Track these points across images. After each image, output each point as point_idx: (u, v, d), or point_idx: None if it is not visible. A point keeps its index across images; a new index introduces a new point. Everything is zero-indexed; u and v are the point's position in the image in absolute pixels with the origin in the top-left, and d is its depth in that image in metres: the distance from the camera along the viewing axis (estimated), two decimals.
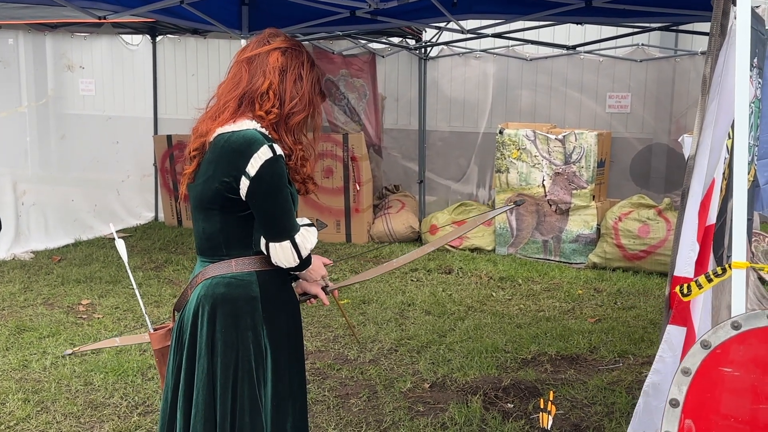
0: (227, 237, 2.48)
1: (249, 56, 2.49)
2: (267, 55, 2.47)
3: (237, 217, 2.45)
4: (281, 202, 2.40)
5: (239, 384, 2.45)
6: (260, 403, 2.47)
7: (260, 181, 2.35)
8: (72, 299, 6.31)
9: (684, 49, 8.16)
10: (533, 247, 8.00)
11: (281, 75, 2.46)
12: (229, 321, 2.46)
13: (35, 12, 6.66)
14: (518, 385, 4.58)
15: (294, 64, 2.48)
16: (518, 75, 8.91)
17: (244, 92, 2.44)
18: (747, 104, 1.96)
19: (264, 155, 2.35)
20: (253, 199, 2.38)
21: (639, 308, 6.22)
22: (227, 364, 2.45)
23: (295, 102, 2.47)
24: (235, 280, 2.47)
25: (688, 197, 2.23)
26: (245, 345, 2.46)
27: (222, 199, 2.42)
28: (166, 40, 9.71)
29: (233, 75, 2.50)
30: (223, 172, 2.39)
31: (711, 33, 2.28)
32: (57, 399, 4.35)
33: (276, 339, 2.51)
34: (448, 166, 9.32)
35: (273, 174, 2.37)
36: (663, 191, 8.23)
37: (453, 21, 5.99)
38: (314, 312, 6.05)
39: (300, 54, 2.52)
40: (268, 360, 2.49)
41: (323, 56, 9.04)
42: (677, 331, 2.25)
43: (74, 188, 8.78)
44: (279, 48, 2.48)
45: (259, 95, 2.43)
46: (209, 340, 2.46)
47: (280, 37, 2.53)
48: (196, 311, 2.49)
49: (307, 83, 2.50)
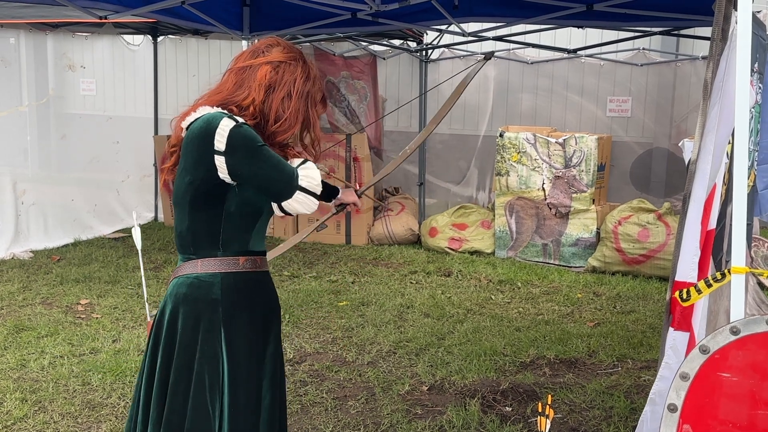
0: (194, 236, 2.43)
1: (241, 66, 2.42)
2: (257, 69, 2.39)
3: (206, 215, 2.39)
4: (266, 159, 2.31)
5: (192, 387, 2.39)
6: (211, 410, 2.39)
7: (234, 150, 2.27)
8: (71, 299, 6.31)
9: (685, 54, 8.17)
10: (533, 251, 8.00)
11: (267, 92, 2.38)
12: (188, 323, 2.41)
13: (37, 11, 6.66)
14: (516, 389, 4.58)
15: (284, 81, 2.39)
16: (519, 78, 8.91)
17: (225, 99, 2.38)
18: (747, 109, 1.96)
19: (226, 126, 2.27)
20: (239, 171, 2.30)
21: (638, 312, 6.21)
22: (180, 366, 2.41)
23: (280, 122, 2.39)
24: (197, 281, 2.42)
25: (690, 202, 2.22)
26: (201, 348, 2.40)
27: (192, 194, 2.37)
28: (167, 40, 9.71)
29: (222, 82, 2.44)
30: (194, 164, 2.33)
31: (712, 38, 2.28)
32: (55, 399, 4.35)
33: (235, 345, 2.42)
34: (448, 169, 9.32)
35: (244, 137, 2.28)
36: (663, 195, 8.23)
37: (454, 23, 6.00)
38: (313, 314, 6.05)
39: (294, 69, 2.42)
40: (224, 366, 2.41)
41: (324, 58, 9.05)
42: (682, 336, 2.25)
43: (74, 188, 8.78)
44: (271, 62, 2.39)
45: (239, 107, 2.37)
46: (169, 339, 2.43)
47: (277, 48, 2.44)
48: (163, 309, 2.49)
49: (298, 100, 2.41)
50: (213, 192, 2.36)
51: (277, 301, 2.64)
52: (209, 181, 2.34)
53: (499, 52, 8.83)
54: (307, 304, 6.29)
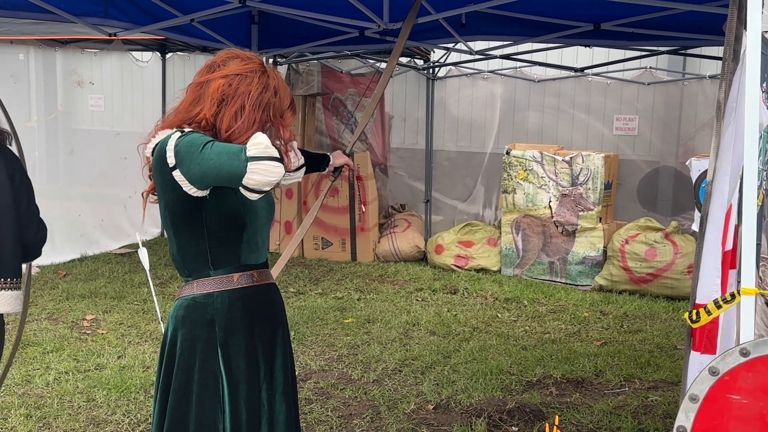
0: (184, 258, 2.42)
1: (197, 82, 2.40)
2: (211, 83, 2.35)
3: (189, 235, 2.37)
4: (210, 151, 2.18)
5: (193, 410, 2.38)
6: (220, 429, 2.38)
7: (182, 158, 2.21)
8: (76, 314, 6.31)
9: (692, 73, 8.17)
10: (539, 269, 7.97)
11: (219, 105, 2.33)
12: (186, 344, 2.40)
13: (47, 28, 6.71)
14: (523, 408, 4.54)
15: (238, 94, 2.32)
16: (526, 96, 8.93)
17: (182, 120, 2.37)
18: (756, 129, 1.96)
19: (173, 139, 2.25)
20: (193, 175, 2.22)
21: (645, 332, 6.18)
22: (178, 387, 2.40)
23: (230, 133, 2.32)
24: (194, 302, 2.41)
25: (707, 223, 2.21)
26: (199, 370, 2.39)
27: (170, 217, 2.36)
28: (175, 56, 9.77)
29: (180, 102, 2.43)
30: (162, 188, 2.32)
31: (724, 58, 2.28)
32: (59, 415, 4.33)
33: (234, 365, 2.40)
34: (454, 186, 9.32)
35: (188, 143, 2.22)
36: (670, 214, 8.21)
37: (461, 42, 6.02)
38: (318, 331, 6.03)
39: (250, 81, 2.34)
40: (224, 387, 2.39)
41: (331, 75, 9.08)
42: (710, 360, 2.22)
43: (81, 203, 8.80)
44: (227, 75, 2.34)
45: (194, 124, 2.35)
46: (170, 361, 2.43)
47: (235, 61, 2.38)
48: (166, 331, 2.48)
49: (253, 111, 2.33)
50: (189, 211, 2.33)
51: (284, 312, 2.61)
52: (181, 201, 2.31)
53: (506, 70, 8.86)
54: (313, 321, 6.27)
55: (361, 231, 8.65)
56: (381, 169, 9.28)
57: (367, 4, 4.77)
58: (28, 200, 3.11)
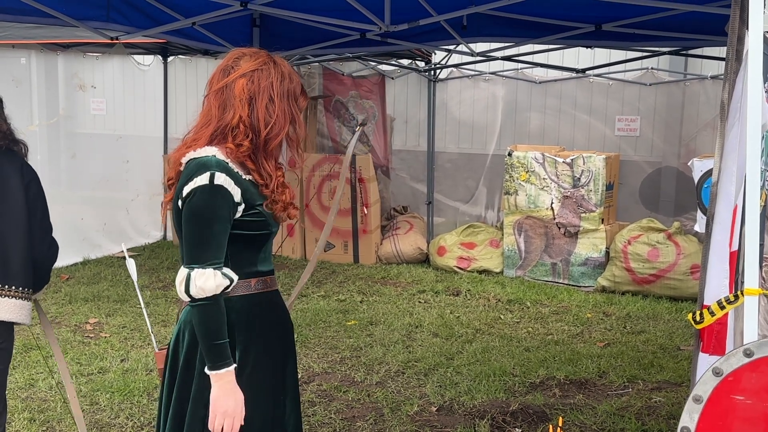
0: None
1: (217, 88, 2.41)
2: (233, 86, 2.37)
3: None
4: (198, 231, 2.26)
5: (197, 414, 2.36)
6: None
7: (188, 205, 2.27)
8: (79, 318, 6.31)
9: (693, 73, 8.17)
10: (542, 270, 7.97)
11: (250, 104, 2.36)
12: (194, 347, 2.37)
13: (48, 32, 6.71)
14: (526, 410, 4.54)
15: (262, 88, 2.37)
16: (527, 97, 8.92)
17: (216, 128, 2.37)
18: (759, 129, 1.96)
19: (200, 181, 2.26)
20: (181, 220, 2.31)
21: (648, 333, 6.17)
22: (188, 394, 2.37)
23: (270, 127, 2.36)
24: None
25: (713, 224, 2.20)
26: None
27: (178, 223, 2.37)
28: (177, 60, 9.78)
29: (206, 111, 2.43)
30: (176, 197, 2.35)
31: (726, 58, 2.28)
32: (63, 419, 4.34)
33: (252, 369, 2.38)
34: (456, 188, 9.32)
35: (199, 202, 2.26)
36: (672, 215, 8.19)
37: (463, 43, 6.01)
38: (321, 333, 6.03)
39: (268, 73, 2.39)
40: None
41: (333, 77, 9.08)
42: None
43: (84, 207, 8.81)
44: (244, 74, 2.37)
45: (230, 129, 2.35)
46: (185, 364, 2.40)
47: (245, 59, 2.41)
48: (177, 335, 2.46)
49: (281, 101, 2.39)
50: None
51: (289, 317, 2.63)
52: None
53: (507, 72, 8.85)
54: (315, 324, 6.27)
55: (364, 233, 8.65)
56: (383, 171, 9.28)
57: (369, 7, 4.76)
58: (42, 215, 3.10)
